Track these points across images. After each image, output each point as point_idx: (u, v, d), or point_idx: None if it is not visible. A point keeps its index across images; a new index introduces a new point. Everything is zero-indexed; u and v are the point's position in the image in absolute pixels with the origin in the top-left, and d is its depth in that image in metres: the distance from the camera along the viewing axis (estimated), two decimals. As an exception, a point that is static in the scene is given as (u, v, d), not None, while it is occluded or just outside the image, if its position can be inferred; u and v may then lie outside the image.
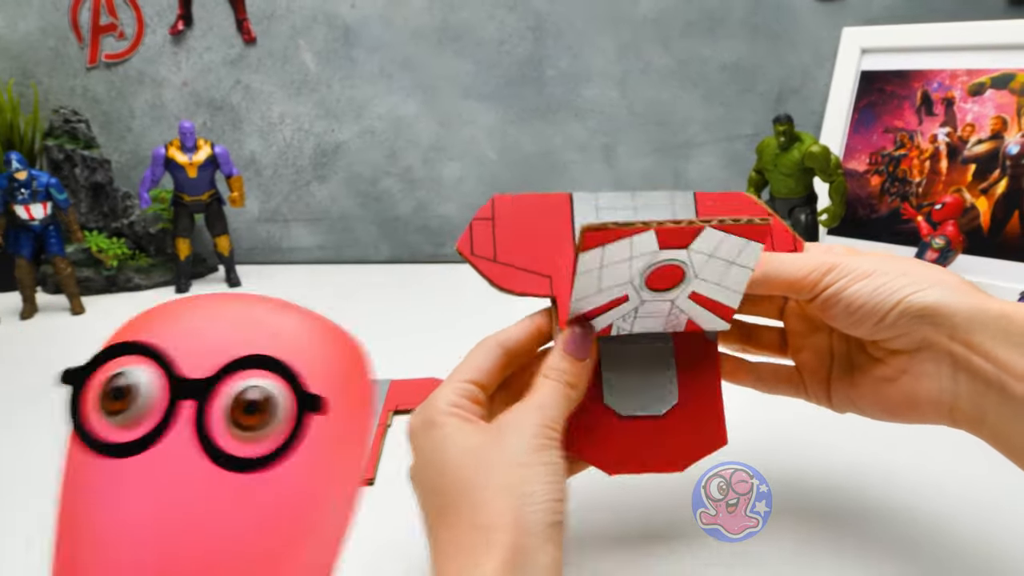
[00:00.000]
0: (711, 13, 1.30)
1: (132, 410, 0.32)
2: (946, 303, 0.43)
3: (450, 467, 0.40)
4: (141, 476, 0.31)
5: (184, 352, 0.33)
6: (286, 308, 0.37)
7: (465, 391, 0.45)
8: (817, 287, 0.46)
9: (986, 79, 1.10)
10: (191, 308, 0.36)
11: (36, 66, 1.38)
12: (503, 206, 0.51)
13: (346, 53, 1.37)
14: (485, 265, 0.50)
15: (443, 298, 1.13)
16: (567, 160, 1.39)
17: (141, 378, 0.32)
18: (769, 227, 0.47)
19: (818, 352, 0.53)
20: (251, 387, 0.32)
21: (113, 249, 1.27)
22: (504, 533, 0.37)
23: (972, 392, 0.43)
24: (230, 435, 0.32)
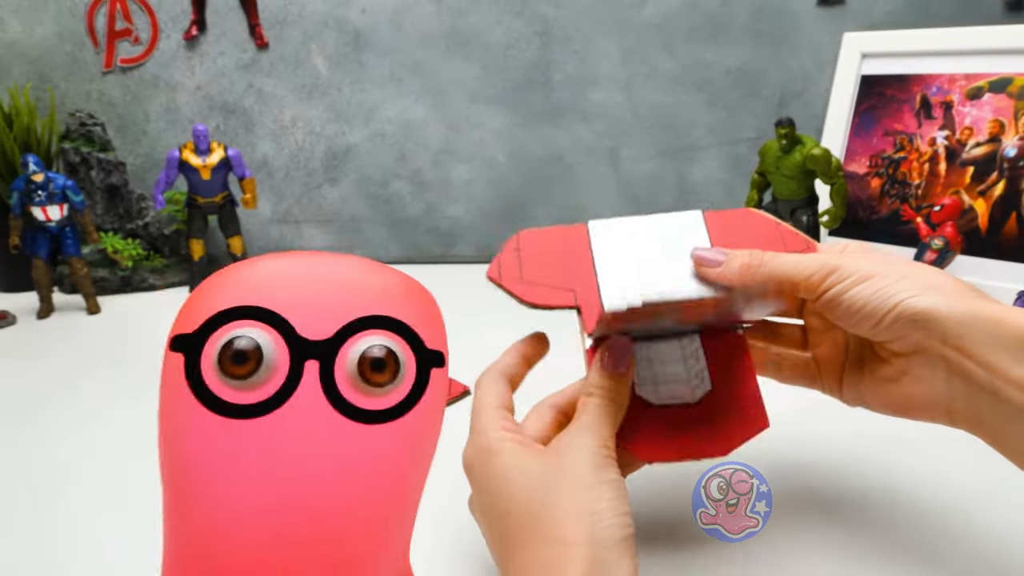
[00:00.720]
0: (715, 19, 1.32)
1: (258, 373, 0.33)
2: (939, 308, 0.43)
3: (516, 492, 0.41)
4: (274, 433, 0.33)
5: (299, 314, 0.35)
6: (382, 268, 0.39)
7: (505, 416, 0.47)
8: (820, 288, 0.47)
9: (984, 83, 1.11)
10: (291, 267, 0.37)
11: (53, 70, 1.40)
12: (527, 238, 0.55)
13: (356, 58, 1.39)
14: (514, 285, 0.52)
15: (452, 298, 1.13)
16: (574, 163, 1.41)
17: (262, 341, 0.33)
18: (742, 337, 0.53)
19: (835, 346, 0.54)
20: (376, 345, 0.34)
21: (128, 250, 1.29)
22: (582, 548, 0.37)
23: (967, 395, 0.43)
24: (356, 390, 0.34)
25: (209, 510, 0.33)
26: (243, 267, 0.37)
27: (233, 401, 0.33)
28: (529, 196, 1.43)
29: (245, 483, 0.33)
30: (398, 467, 0.35)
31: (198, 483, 0.33)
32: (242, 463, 0.33)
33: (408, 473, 0.35)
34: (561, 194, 1.42)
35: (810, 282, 0.47)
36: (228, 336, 0.33)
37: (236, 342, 0.33)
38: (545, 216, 1.42)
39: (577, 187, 1.42)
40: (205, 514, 0.33)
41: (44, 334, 1.10)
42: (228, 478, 0.33)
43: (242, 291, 0.35)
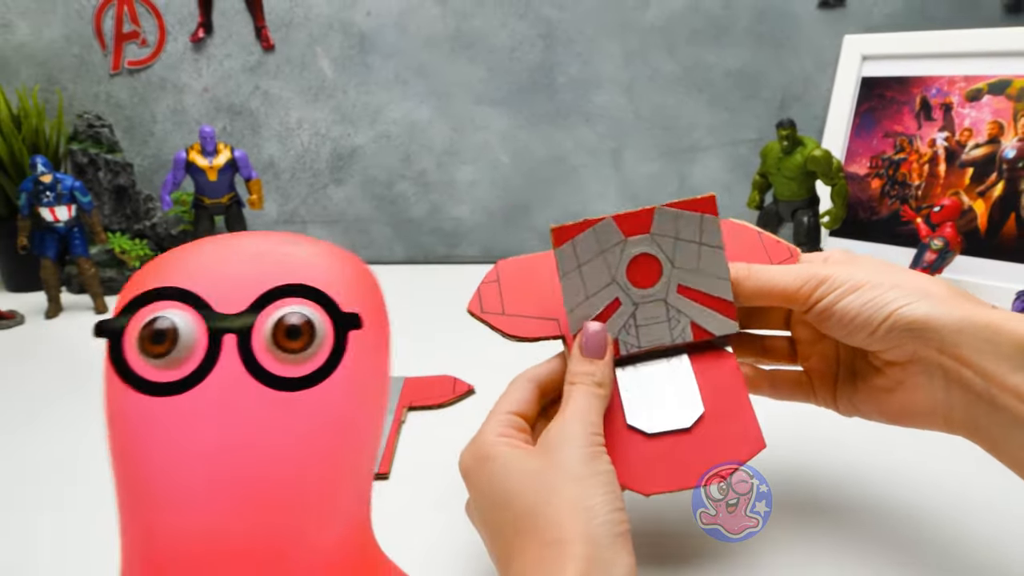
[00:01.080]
0: (716, 21, 1.33)
1: (176, 350, 0.34)
2: (934, 316, 0.43)
3: (512, 495, 0.41)
4: (197, 408, 0.33)
5: (215, 290, 0.35)
6: (299, 239, 0.39)
7: (509, 421, 0.46)
8: (810, 299, 0.47)
9: (983, 85, 1.12)
10: (210, 247, 0.38)
11: (61, 72, 1.41)
12: (506, 268, 0.54)
13: (362, 60, 1.40)
14: (495, 319, 0.52)
15: (456, 298, 1.13)
16: (577, 164, 1.42)
17: (178, 320, 0.34)
18: (712, 199, 0.50)
19: (825, 358, 0.54)
20: (291, 313, 0.35)
21: (135, 250, 1.30)
22: (578, 545, 0.37)
23: (964, 403, 0.43)
24: (275, 359, 0.34)
25: (147, 489, 0.33)
26: (169, 253, 0.38)
27: (156, 380, 0.34)
28: (532, 197, 1.44)
29: (177, 459, 0.33)
30: (328, 431, 0.35)
31: (135, 463, 0.34)
32: (172, 439, 0.33)
33: (341, 436, 0.36)
34: (564, 195, 1.43)
35: (800, 293, 0.47)
36: (147, 318, 0.34)
37: (154, 323, 0.34)
38: (548, 216, 1.43)
39: (580, 188, 1.43)
40: (145, 494, 0.34)
41: (52, 334, 1.11)
42: (161, 455, 0.33)
43: (162, 274, 0.36)
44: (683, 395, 0.49)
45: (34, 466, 0.70)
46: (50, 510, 0.62)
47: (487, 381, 0.81)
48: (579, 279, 0.49)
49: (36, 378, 0.92)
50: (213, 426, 0.33)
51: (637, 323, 0.50)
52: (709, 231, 0.49)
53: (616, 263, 0.49)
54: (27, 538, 0.58)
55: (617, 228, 0.49)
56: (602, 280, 0.49)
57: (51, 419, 0.80)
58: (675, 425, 0.48)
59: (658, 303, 0.50)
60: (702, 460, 0.48)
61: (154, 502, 0.33)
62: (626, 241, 0.49)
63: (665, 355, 0.51)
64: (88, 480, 0.67)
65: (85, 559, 0.55)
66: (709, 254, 0.50)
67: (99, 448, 0.71)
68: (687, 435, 0.48)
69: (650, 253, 0.49)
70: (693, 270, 0.50)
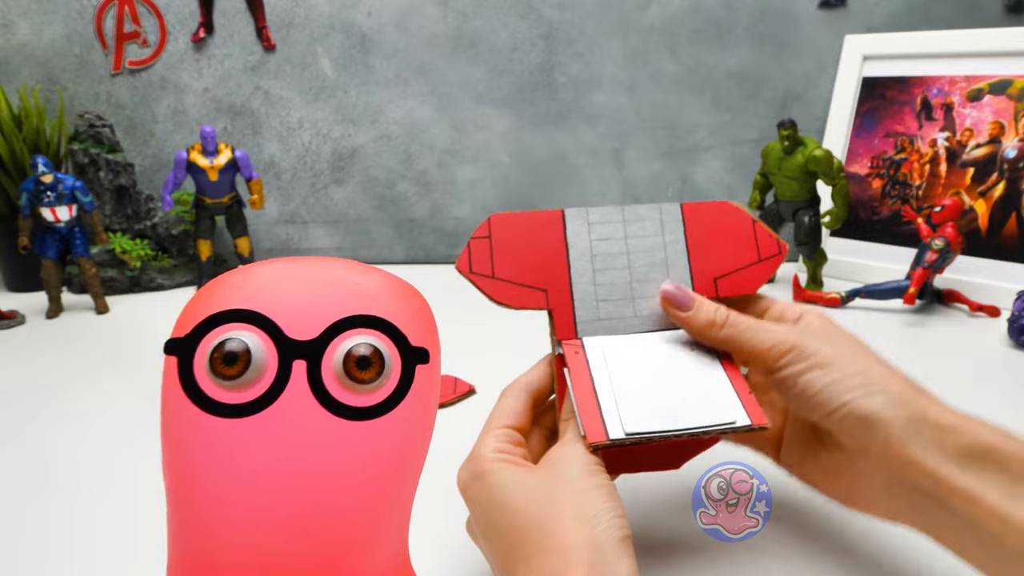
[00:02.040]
0: (717, 21, 1.33)
1: (247, 373, 0.34)
2: (887, 412, 0.42)
3: (513, 508, 0.41)
4: (263, 431, 0.34)
5: (287, 315, 0.36)
6: (369, 269, 0.40)
7: (506, 436, 0.46)
8: (776, 364, 0.47)
9: (984, 85, 1.12)
10: (279, 270, 0.38)
11: (62, 72, 1.41)
12: (499, 225, 0.53)
13: (363, 60, 1.40)
14: (483, 282, 0.51)
15: (457, 298, 1.13)
16: (578, 164, 1.42)
17: (251, 343, 0.35)
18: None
19: (772, 409, 0.53)
20: (361, 344, 0.35)
21: (136, 250, 1.30)
22: (581, 552, 0.37)
23: (910, 502, 0.43)
24: (344, 388, 0.35)
25: (205, 508, 0.34)
26: (235, 273, 0.39)
27: (225, 401, 0.34)
28: (533, 197, 1.44)
29: (238, 480, 0.34)
30: (387, 461, 0.36)
31: (194, 481, 0.34)
32: (235, 461, 0.34)
33: (398, 467, 0.37)
34: (565, 195, 1.43)
35: (768, 354, 0.47)
36: (219, 339, 0.35)
37: (226, 344, 0.34)
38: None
39: (581, 188, 1.43)
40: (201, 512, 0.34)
41: (53, 334, 1.11)
42: (222, 476, 0.34)
43: (233, 296, 0.37)
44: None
45: (35, 466, 0.70)
46: (51, 510, 0.62)
47: (487, 381, 0.81)
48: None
49: (36, 378, 0.92)
50: (278, 450, 0.34)
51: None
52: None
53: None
54: (27, 538, 0.58)
55: None
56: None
57: (52, 419, 0.79)
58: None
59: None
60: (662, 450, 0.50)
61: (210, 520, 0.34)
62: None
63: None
64: (89, 479, 0.67)
65: (83, 556, 0.56)
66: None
67: (99, 448, 0.72)
68: None
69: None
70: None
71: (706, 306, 0.49)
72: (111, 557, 0.55)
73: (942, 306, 1.07)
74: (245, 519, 0.33)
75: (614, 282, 0.52)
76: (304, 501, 0.34)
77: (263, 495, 0.34)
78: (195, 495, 0.34)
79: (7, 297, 1.31)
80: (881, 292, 1.04)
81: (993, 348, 0.91)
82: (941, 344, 0.94)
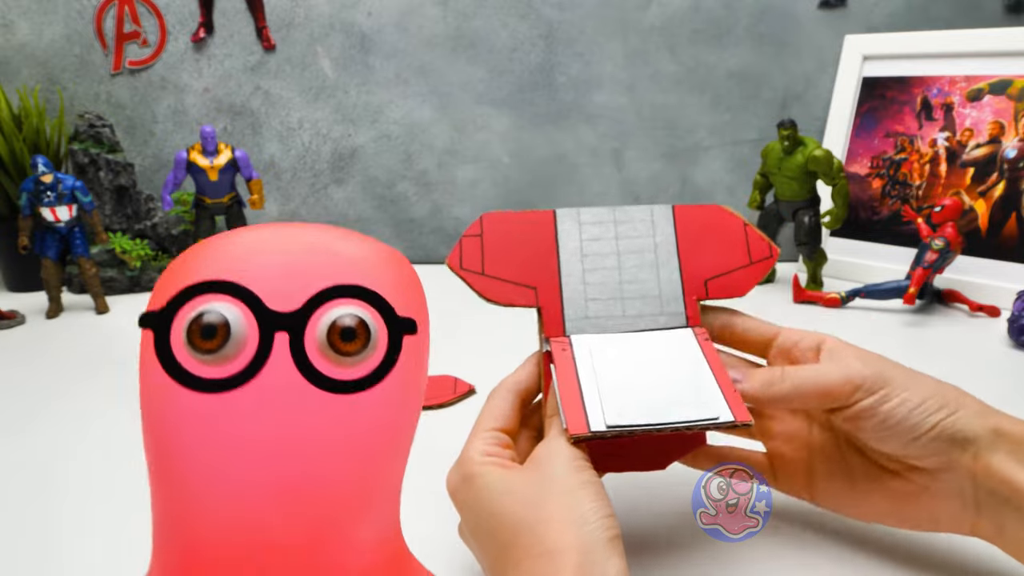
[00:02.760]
0: (717, 21, 1.33)
1: (226, 347, 0.33)
2: (975, 428, 0.44)
3: (502, 511, 0.41)
4: (246, 406, 0.33)
5: (267, 286, 0.34)
6: (352, 235, 0.38)
7: (494, 439, 0.46)
8: (851, 399, 0.46)
9: (984, 85, 1.12)
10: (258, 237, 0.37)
11: (62, 72, 1.41)
12: (491, 223, 0.53)
13: (363, 60, 1.40)
14: (473, 278, 0.51)
15: (457, 298, 1.13)
16: (578, 164, 1.42)
17: (230, 315, 0.33)
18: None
19: (791, 441, 0.53)
20: (346, 315, 0.34)
21: (136, 250, 1.30)
22: (569, 554, 0.37)
23: (992, 511, 0.44)
24: (328, 361, 0.34)
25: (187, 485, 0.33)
26: (212, 242, 0.37)
27: (204, 376, 0.33)
28: (534, 197, 1.44)
29: (221, 456, 0.33)
30: (374, 436, 0.35)
31: (176, 458, 0.33)
32: (217, 437, 0.33)
33: (386, 441, 0.35)
34: (565, 195, 1.43)
35: (840, 393, 0.46)
36: (196, 312, 0.33)
37: (204, 316, 0.33)
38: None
39: (581, 188, 1.43)
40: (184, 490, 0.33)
41: (53, 334, 1.11)
42: (204, 452, 0.33)
43: (210, 266, 0.35)
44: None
45: (35, 466, 0.70)
46: (51, 510, 0.62)
47: (487, 381, 0.81)
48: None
49: (36, 378, 0.92)
50: (260, 426, 0.33)
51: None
52: None
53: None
54: (26, 538, 0.58)
55: None
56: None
57: (52, 419, 0.79)
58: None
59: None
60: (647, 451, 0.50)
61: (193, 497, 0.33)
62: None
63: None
64: (89, 479, 0.67)
65: (82, 555, 0.56)
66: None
67: (99, 448, 0.71)
68: None
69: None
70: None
71: (758, 373, 0.48)
72: (111, 557, 0.55)
73: (942, 306, 1.07)
74: (229, 496, 0.32)
75: (603, 281, 0.52)
76: (288, 477, 0.33)
77: (246, 471, 0.33)
78: (177, 472, 0.33)
79: (7, 297, 1.31)
80: (881, 292, 1.04)
81: (993, 348, 0.91)
82: (941, 344, 0.94)
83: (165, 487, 0.34)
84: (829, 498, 0.51)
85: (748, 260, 0.53)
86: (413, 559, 0.39)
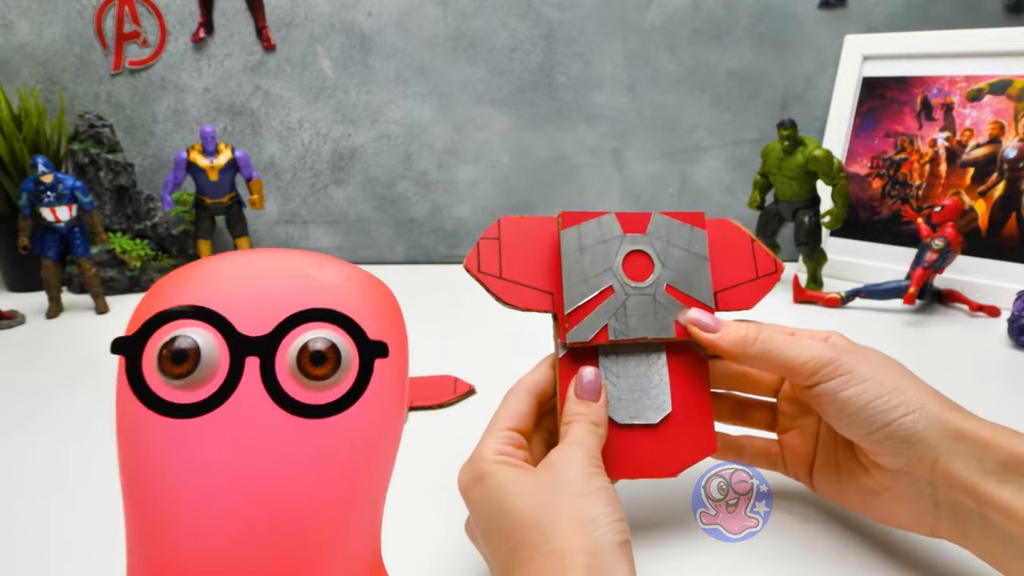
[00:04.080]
0: (717, 22, 1.33)
1: (196, 371, 0.33)
2: (931, 431, 0.43)
3: (513, 510, 0.41)
4: (216, 432, 0.33)
5: (238, 311, 0.34)
6: (327, 260, 0.38)
7: (507, 438, 0.46)
8: (812, 378, 0.47)
9: (984, 85, 1.12)
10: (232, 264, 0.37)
11: (62, 72, 1.41)
12: (509, 226, 0.53)
13: (363, 60, 1.40)
14: (491, 281, 0.52)
15: (457, 298, 1.14)
16: (578, 164, 1.42)
17: (200, 340, 0.33)
18: (701, 215, 0.55)
19: (803, 434, 0.54)
20: (316, 339, 0.34)
21: (136, 250, 1.30)
22: (580, 555, 0.38)
23: (953, 516, 0.44)
24: (298, 385, 0.34)
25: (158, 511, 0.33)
26: (187, 268, 0.37)
27: (175, 400, 0.33)
28: (534, 197, 1.44)
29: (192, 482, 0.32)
30: (348, 460, 0.35)
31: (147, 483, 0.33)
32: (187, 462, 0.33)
33: (360, 466, 0.35)
34: (565, 194, 1.43)
35: (802, 369, 0.47)
36: (168, 337, 0.33)
37: (175, 342, 0.33)
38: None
39: (581, 188, 1.43)
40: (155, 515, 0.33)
41: (53, 334, 1.11)
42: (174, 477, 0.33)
43: (183, 292, 0.35)
44: (655, 393, 0.52)
45: (34, 466, 0.70)
46: (49, 511, 0.62)
47: (487, 381, 0.81)
48: (580, 262, 0.52)
49: (37, 378, 0.92)
50: (231, 451, 0.33)
51: (627, 312, 0.52)
52: (697, 243, 0.54)
53: (614, 254, 0.52)
54: (26, 538, 0.58)
55: (618, 223, 0.53)
56: (600, 267, 0.52)
57: (51, 419, 0.79)
58: (643, 420, 0.51)
59: (647, 298, 0.52)
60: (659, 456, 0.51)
61: (165, 524, 0.33)
62: (624, 237, 0.53)
63: (646, 349, 0.53)
64: (88, 481, 0.67)
65: (81, 555, 0.55)
66: (695, 263, 0.53)
67: (99, 449, 0.71)
68: (651, 431, 0.51)
69: (644, 251, 0.53)
70: (681, 275, 0.53)
71: (735, 325, 0.50)
72: (112, 557, 0.55)
73: (942, 306, 1.07)
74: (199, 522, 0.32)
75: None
76: (260, 502, 0.33)
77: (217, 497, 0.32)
78: (148, 497, 0.33)
79: (7, 297, 1.31)
80: (881, 292, 1.04)
81: (993, 348, 0.91)
82: (941, 344, 0.94)
83: (137, 512, 0.34)
84: (821, 486, 0.53)
85: (755, 274, 0.55)
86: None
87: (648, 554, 0.52)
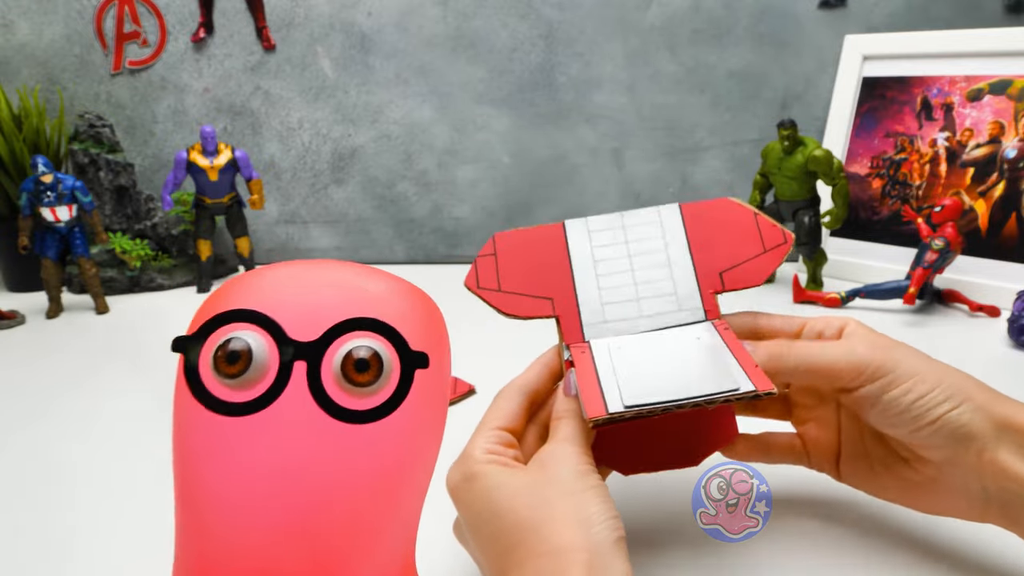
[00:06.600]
0: (717, 22, 1.33)
1: (248, 372, 0.35)
2: (978, 422, 0.43)
3: (504, 510, 0.41)
4: (263, 430, 0.35)
5: (290, 317, 0.36)
6: (375, 272, 0.40)
7: (497, 437, 0.46)
8: (854, 383, 0.46)
9: (984, 85, 1.12)
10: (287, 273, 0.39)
11: (62, 72, 1.41)
12: (503, 241, 0.54)
13: (363, 60, 1.40)
14: (491, 296, 0.53)
15: (457, 298, 1.14)
16: (578, 163, 1.42)
17: (253, 342, 0.35)
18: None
19: (823, 425, 0.54)
20: (360, 347, 0.36)
21: (136, 250, 1.30)
22: (577, 553, 0.37)
23: (1002, 503, 0.44)
24: (342, 391, 0.35)
25: (203, 506, 0.34)
26: (246, 276, 0.40)
27: (227, 399, 0.35)
28: (533, 197, 1.44)
29: (235, 478, 0.34)
30: (385, 466, 0.36)
31: (195, 479, 0.35)
32: (233, 459, 0.34)
33: (397, 472, 0.37)
34: (565, 194, 1.43)
35: (843, 375, 0.46)
36: (224, 338, 0.35)
37: (230, 343, 0.35)
38: (549, 216, 1.42)
39: (581, 187, 1.43)
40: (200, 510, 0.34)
41: (53, 334, 1.11)
42: (220, 473, 0.34)
43: (241, 296, 0.37)
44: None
45: (35, 466, 0.70)
46: (51, 510, 0.62)
47: (487, 381, 0.81)
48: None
49: (37, 378, 0.92)
50: (274, 449, 0.34)
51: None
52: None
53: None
54: (27, 538, 0.58)
55: None
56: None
57: (52, 419, 0.79)
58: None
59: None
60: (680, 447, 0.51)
61: (209, 519, 0.34)
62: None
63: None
64: (89, 481, 0.67)
65: (84, 556, 0.56)
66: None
67: (99, 448, 0.72)
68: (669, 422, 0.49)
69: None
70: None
71: (762, 344, 0.49)
72: (112, 557, 0.55)
73: (942, 306, 1.07)
74: (240, 519, 0.34)
75: (618, 285, 0.52)
76: (299, 503, 0.34)
77: (258, 495, 0.34)
78: (195, 492, 0.35)
79: (7, 297, 1.32)
80: (881, 292, 1.04)
81: (993, 348, 0.91)
82: (941, 344, 0.94)
83: (185, 505, 0.36)
84: (850, 477, 0.52)
85: (762, 248, 0.53)
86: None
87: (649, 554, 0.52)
